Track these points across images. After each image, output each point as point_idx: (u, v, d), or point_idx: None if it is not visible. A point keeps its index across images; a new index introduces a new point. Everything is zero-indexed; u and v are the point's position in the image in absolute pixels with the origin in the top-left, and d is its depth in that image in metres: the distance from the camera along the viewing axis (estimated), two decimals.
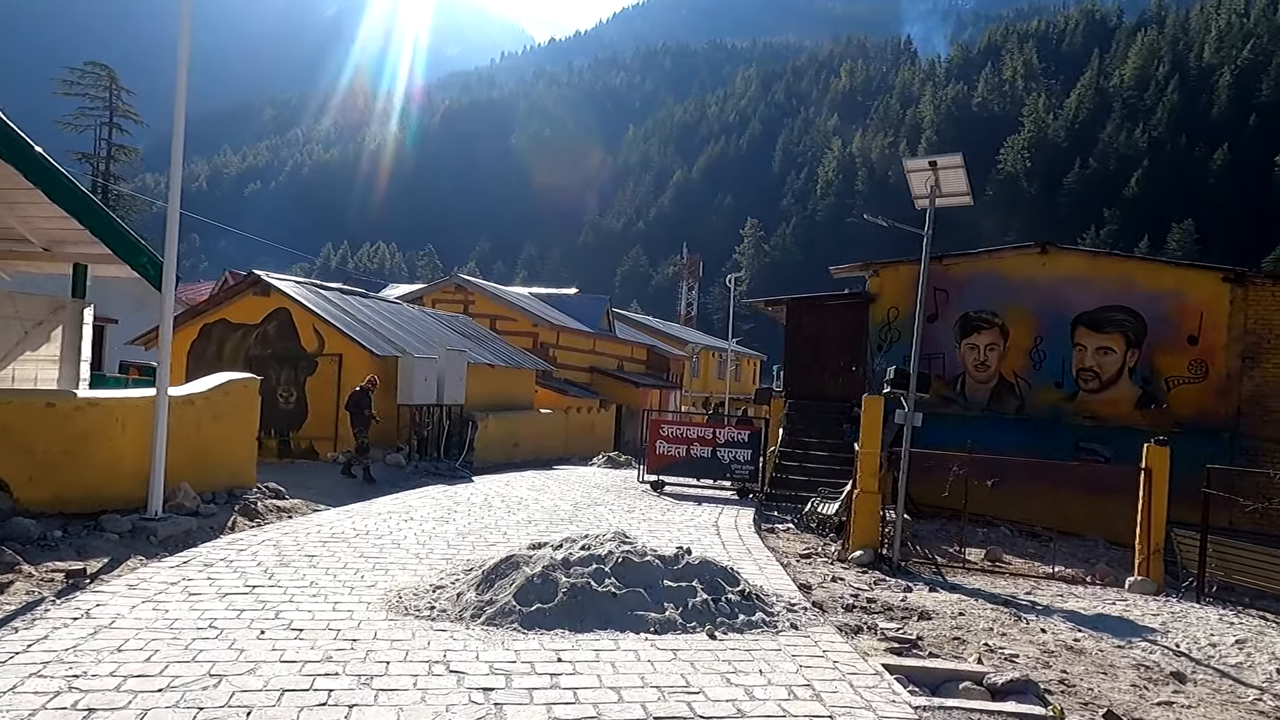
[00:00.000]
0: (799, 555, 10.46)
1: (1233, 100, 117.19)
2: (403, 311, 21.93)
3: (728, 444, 15.32)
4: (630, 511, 12.05)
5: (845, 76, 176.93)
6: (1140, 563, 9.59)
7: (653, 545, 8.87)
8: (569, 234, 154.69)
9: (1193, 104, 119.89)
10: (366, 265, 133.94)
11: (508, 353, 23.61)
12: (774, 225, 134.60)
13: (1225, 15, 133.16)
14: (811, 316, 18.44)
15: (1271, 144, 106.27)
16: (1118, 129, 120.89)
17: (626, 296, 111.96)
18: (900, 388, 10.53)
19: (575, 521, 10.79)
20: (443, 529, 9.55)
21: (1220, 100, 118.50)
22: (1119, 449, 16.20)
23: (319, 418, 17.04)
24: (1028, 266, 16.97)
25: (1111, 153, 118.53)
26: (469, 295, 29.60)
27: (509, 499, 12.62)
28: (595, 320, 32.89)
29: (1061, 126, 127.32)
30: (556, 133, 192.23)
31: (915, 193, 10.83)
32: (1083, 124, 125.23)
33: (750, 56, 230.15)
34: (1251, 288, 15.56)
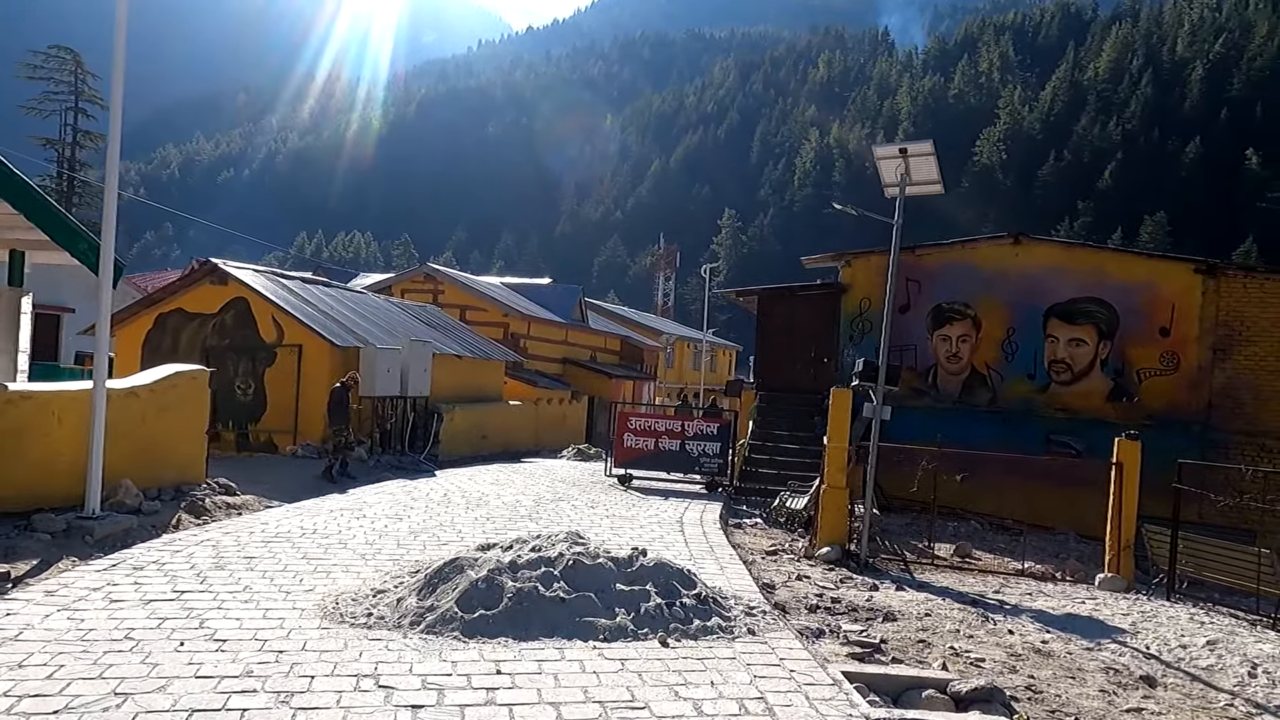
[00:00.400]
0: (765, 552, 10.20)
1: (1204, 94, 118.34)
2: (368, 301, 21.46)
3: (697, 437, 15.04)
4: (594, 507, 11.75)
5: (823, 67, 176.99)
6: (1110, 559, 9.42)
7: (612, 544, 8.59)
8: (546, 224, 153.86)
9: (1165, 98, 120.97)
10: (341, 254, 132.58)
11: (476, 343, 23.20)
12: (752, 216, 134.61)
13: (1198, 9, 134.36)
14: (783, 307, 18.19)
15: (1242, 138, 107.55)
16: (1092, 122, 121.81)
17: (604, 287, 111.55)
18: (869, 380, 10.28)
19: (535, 518, 10.46)
20: (395, 527, 9.20)
21: (1192, 94, 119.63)
22: (1090, 442, 16.09)
23: (278, 410, 16.58)
24: (1001, 257, 16.80)
25: (1086, 145, 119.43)
26: (438, 285, 29.10)
27: (470, 495, 12.27)
28: (568, 310, 32.49)
29: (1037, 119, 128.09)
30: (534, 122, 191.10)
31: (885, 181, 10.57)
32: (1057, 117, 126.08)
33: (728, 46, 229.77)
34: (1223, 279, 15.47)
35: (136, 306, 18.10)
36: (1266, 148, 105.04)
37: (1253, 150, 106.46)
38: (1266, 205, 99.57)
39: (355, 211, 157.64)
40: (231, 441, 16.83)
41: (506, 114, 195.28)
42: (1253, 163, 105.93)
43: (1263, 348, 15.20)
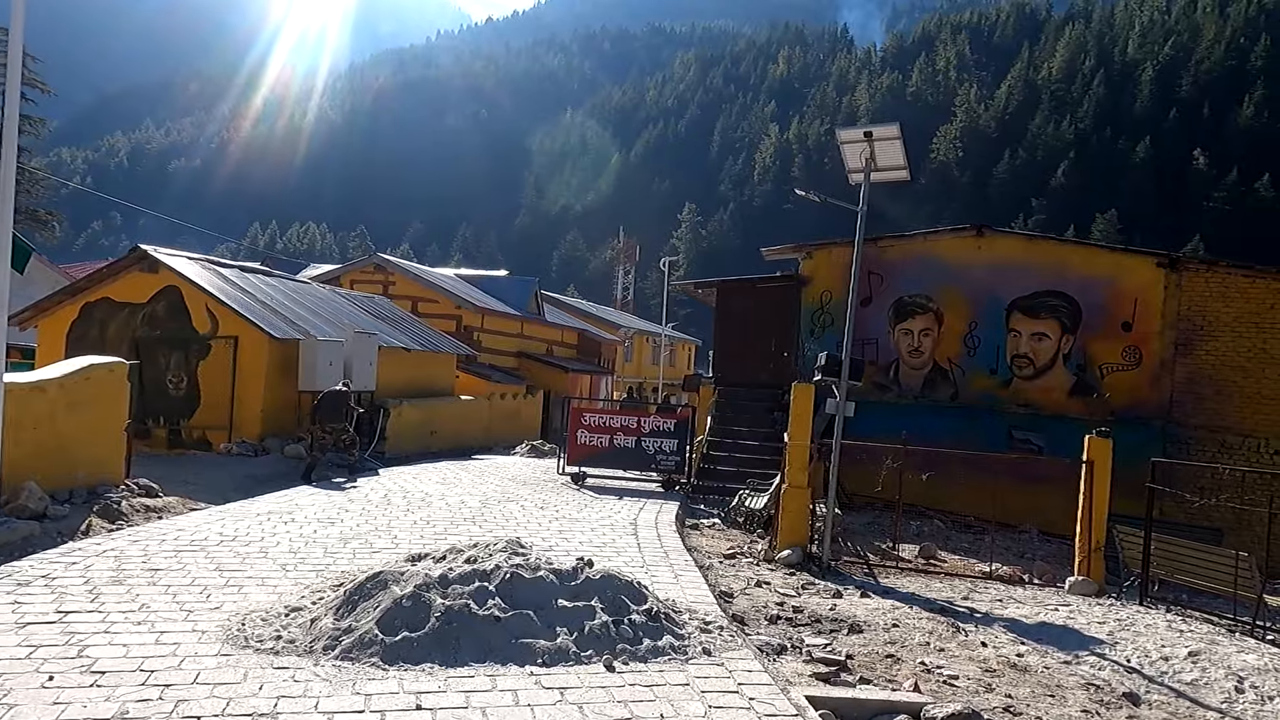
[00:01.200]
0: (723, 555, 9.69)
1: (1154, 95, 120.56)
2: (311, 292, 20.56)
3: (653, 433, 14.49)
4: (543, 508, 11.14)
5: (783, 63, 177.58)
6: (1080, 561, 9.06)
7: (559, 550, 8.00)
8: (505, 217, 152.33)
9: (1117, 98, 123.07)
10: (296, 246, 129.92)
11: (426, 336, 22.41)
12: (712, 210, 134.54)
13: (1148, 12, 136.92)
14: (742, 300, 17.72)
15: (1191, 138, 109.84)
16: (1046, 120, 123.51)
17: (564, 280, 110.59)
18: (832, 375, 9.81)
19: (480, 521, 9.83)
20: (325, 533, 8.50)
21: (1143, 95, 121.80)
22: (1052, 438, 15.90)
23: (212, 405, 15.70)
24: (963, 250, 16.49)
25: (1040, 144, 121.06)
26: (389, 276, 28.19)
27: (412, 495, 11.59)
28: (523, 303, 31.74)
29: (992, 117, 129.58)
30: (493, 114, 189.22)
31: (849, 166, 10.09)
32: (1013, 115, 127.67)
33: (689, 41, 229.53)
34: (1186, 273, 15.31)
35: (60, 295, 17.05)
36: (1213, 148, 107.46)
37: (1200, 150, 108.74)
38: (1213, 204, 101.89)
39: (310, 203, 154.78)
40: (163, 439, 15.92)
41: (465, 106, 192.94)
42: (1200, 163, 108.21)
43: (1224, 343, 15.06)
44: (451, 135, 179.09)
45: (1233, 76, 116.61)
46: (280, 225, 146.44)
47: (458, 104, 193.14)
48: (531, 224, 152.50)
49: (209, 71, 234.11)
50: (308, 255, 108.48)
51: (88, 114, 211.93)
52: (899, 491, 10.59)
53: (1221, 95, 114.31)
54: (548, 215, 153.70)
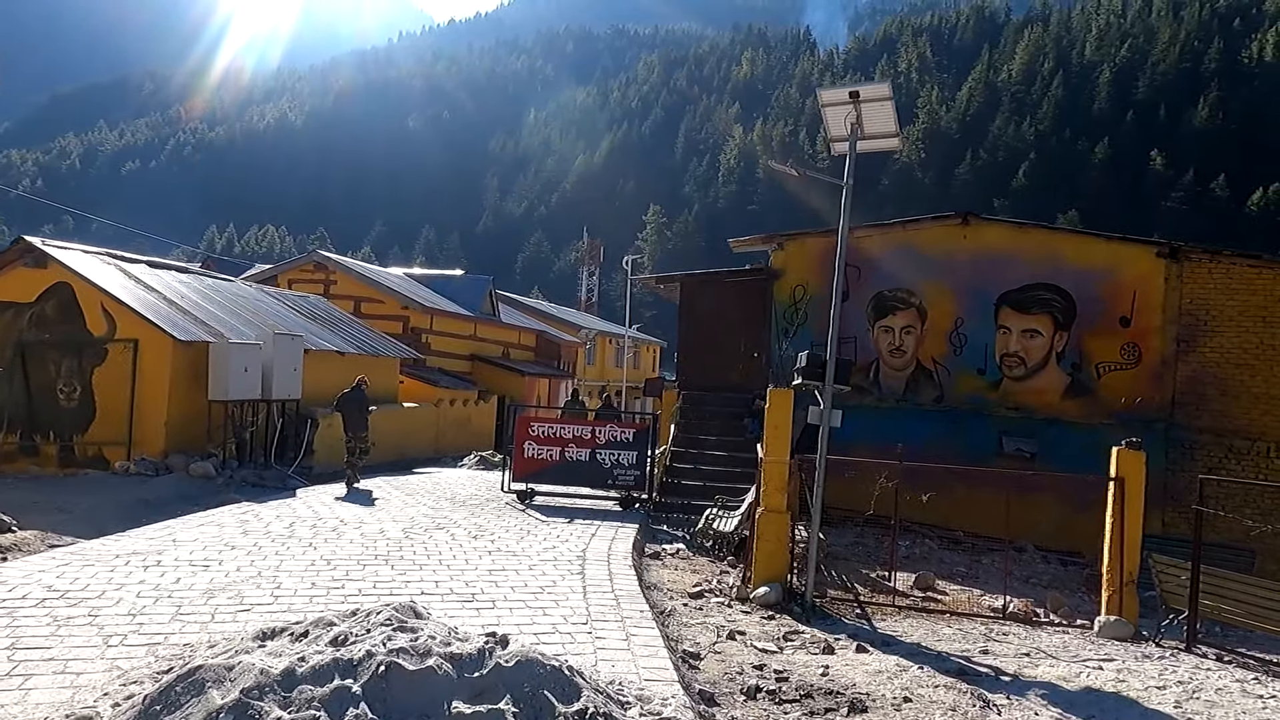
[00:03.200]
0: (688, 594, 8.14)
1: (1112, 97, 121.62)
2: (233, 290, 18.70)
3: (610, 444, 12.90)
4: (477, 537, 9.50)
5: (746, 65, 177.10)
6: (1109, 597, 7.64)
7: (479, 602, 6.41)
8: (469, 219, 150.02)
9: (1076, 99, 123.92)
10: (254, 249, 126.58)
11: (366, 338, 20.63)
12: (676, 211, 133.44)
13: (1104, 15, 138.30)
14: (709, 296, 16.19)
15: (1148, 139, 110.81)
16: (1006, 122, 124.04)
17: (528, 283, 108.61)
18: (814, 378, 8.32)
19: (395, 559, 8.17)
20: (190, 582, 6.81)
21: (1100, 96, 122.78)
22: (1045, 443, 14.59)
23: (109, 418, 13.84)
24: (948, 240, 15.13)
25: (1001, 145, 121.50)
26: (329, 274, 26.30)
27: (324, 523, 9.90)
28: (477, 303, 29.96)
29: (954, 119, 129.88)
30: (456, 115, 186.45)
31: (832, 134, 8.62)
32: (974, 116, 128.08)
33: (652, 43, 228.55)
34: (1187, 264, 14.06)
35: None
36: (1170, 149, 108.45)
37: (1157, 151, 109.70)
38: (1171, 204, 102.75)
39: (269, 205, 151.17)
40: (53, 456, 14.02)
41: (427, 107, 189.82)
42: (1157, 163, 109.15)
43: (1229, 338, 13.83)
44: (413, 137, 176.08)
45: (1187, 79, 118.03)
46: (238, 228, 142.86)
47: (420, 106, 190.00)
48: (495, 226, 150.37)
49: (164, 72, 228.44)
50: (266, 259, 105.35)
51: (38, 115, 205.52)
52: (895, 515, 9.13)
53: (1177, 97, 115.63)
54: (511, 217, 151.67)
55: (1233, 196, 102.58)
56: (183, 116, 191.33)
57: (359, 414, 13.87)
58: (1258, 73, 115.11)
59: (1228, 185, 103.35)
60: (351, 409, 13.84)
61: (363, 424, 13.86)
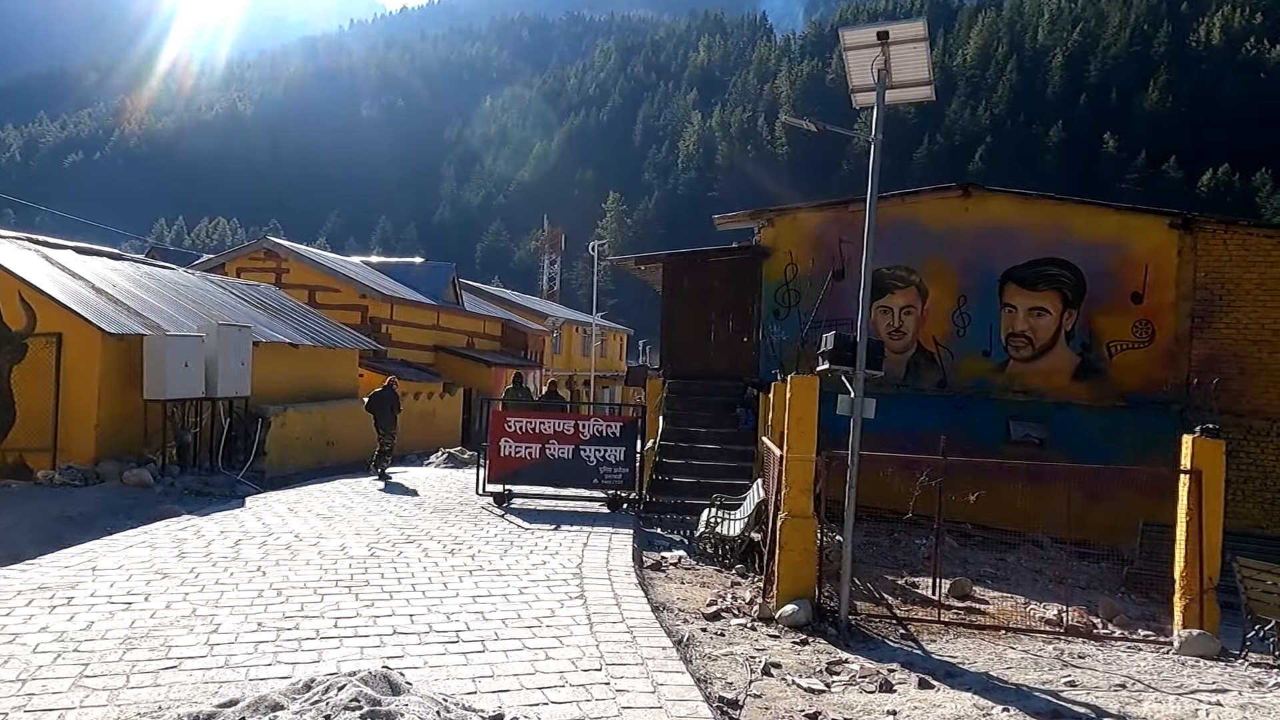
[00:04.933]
0: (703, 614, 7.05)
1: (1065, 81, 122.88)
2: (174, 279, 17.17)
3: (595, 440, 11.75)
4: (454, 552, 8.30)
5: (704, 52, 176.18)
6: (1186, 606, 6.70)
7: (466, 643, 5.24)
8: (425, 208, 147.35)
9: (1030, 83, 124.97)
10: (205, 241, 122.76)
11: (322, 329, 19.20)
12: (636, 199, 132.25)
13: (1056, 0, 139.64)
14: (694, 277, 15.06)
15: (1101, 122, 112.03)
16: (962, 106, 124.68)
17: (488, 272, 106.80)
18: (842, 363, 7.27)
19: (360, 584, 6.95)
20: (106, 629, 5.53)
21: (1054, 80, 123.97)
22: (1055, 427, 13.75)
23: (31, 421, 12.34)
24: (949, 212, 14.17)
25: (957, 129, 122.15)
26: (281, 262, 24.70)
27: (276, 539, 8.63)
28: (439, 291, 28.52)
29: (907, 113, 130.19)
30: (410, 104, 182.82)
31: (855, 83, 7.57)
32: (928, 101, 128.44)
33: (609, 30, 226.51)
34: (1201, 235, 13.27)
35: None
36: (1122, 132, 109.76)
37: (1110, 134, 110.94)
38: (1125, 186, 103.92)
39: (220, 197, 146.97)
40: None
41: (381, 95, 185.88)
42: (1110, 146, 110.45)
43: (1246, 314, 13.09)
44: (367, 126, 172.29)
45: (1138, 62, 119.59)
46: (188, 220, 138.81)
47: (373, 94, 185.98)
48: (453, 216, 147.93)
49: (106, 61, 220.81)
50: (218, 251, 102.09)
51: None
52: (938, 519, 8.13)
53: (1128, 80, 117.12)
54: (469, 207, 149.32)
55: (1185, 177, 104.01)
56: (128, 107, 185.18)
57: (390, 413, 14.71)
58: (1205, 56, 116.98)
59: (1179, 166, 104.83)
60: (383, 408, 14.67)
61: (392, 422, 14.73)
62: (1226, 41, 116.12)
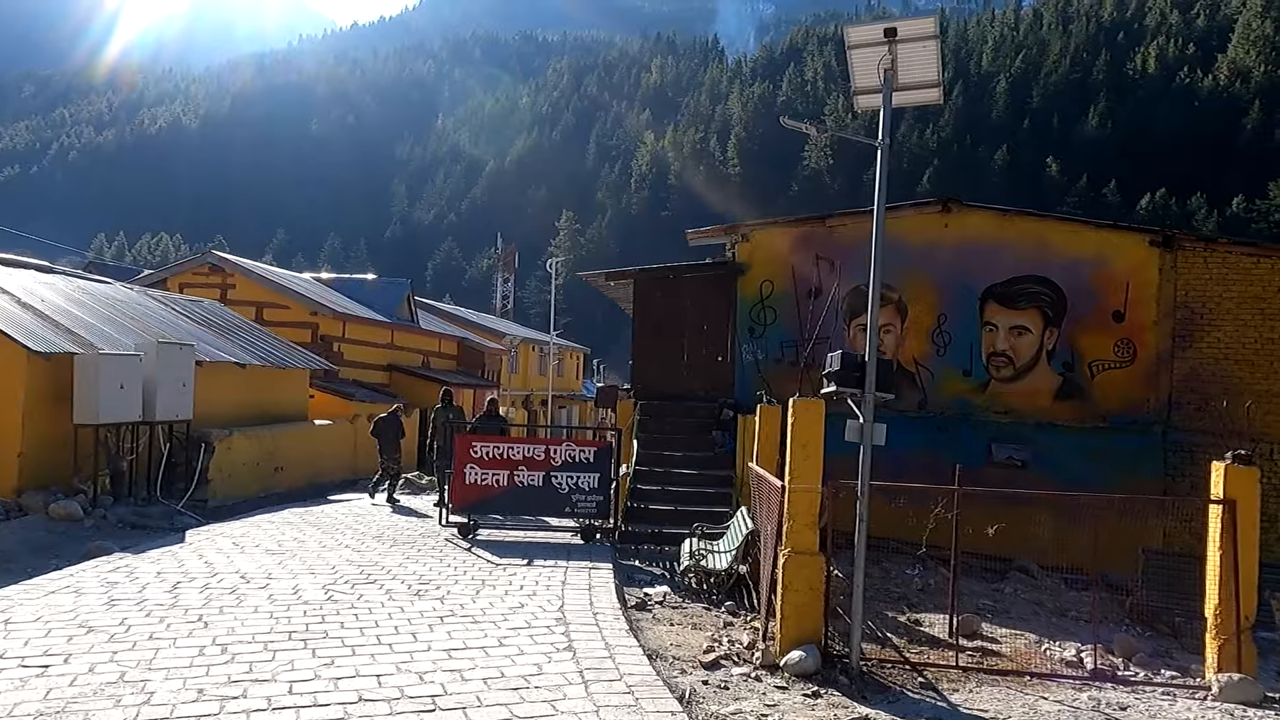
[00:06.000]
0: (700, 662, 6.39)
1: (1009, 106, 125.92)
2: (110, 295, 16.09)
3: (567, 466, 11.06)
4: (420, 594, 7.52)
5: (656, 72, 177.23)
6: (1221, 647, 6.24)
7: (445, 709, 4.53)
8: (376, 226, 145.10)
9: (975, 108, 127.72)
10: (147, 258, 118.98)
11: (270, 348, 18.20)
12: (590, 218, 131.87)
13: (999, 28, 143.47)
14: (666, 293, 14.47)
15: (1043, 147, 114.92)
16: (910, 129, 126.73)
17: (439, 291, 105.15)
18: (850, 385, 6.73)
19: (317, 636, 6.16)
20: (13, 702, 4.69)
21: (998, 105, 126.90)
22: (1038, 449, 13.41)
23: None
24: (928, 229, 13.81)
25: (905, 152, 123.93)
26: (227, 277, 23.56)
27: (220, 581, 7.77)
28: (393, 309, 27.55)
29: (860, 126, 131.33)
30: (361, 120, 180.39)
31: (859, 84, 7.09)
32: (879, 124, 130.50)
33: (561, 50, 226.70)
34: (1181, 253, 13.08)
35: None
36: (1064, 156, 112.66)
37: (1052, 158, 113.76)
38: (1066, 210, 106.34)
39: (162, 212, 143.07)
40: None
41: (331, 112, 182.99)
42: (1052, 169, 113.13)
43: (1227, 332, 12.91)
44: (317, 143, 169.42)
45: (1078, 89, 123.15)
46: (129, 236, 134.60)
47: (323, 111, 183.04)
48: (404, 234, 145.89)
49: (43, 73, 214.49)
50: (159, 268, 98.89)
51: None
52: (955, 552, 7.59)
53: (1069, 106, 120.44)
54: (421, 225, 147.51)
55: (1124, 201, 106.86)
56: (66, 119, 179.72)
57: (394, 439, 14.99)
58: (1141, 84, 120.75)
59: (1118, 191, 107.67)
60: (388, 434, 14.91)
61: (396, 448, 14.97)
62: (1161, 71, 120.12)
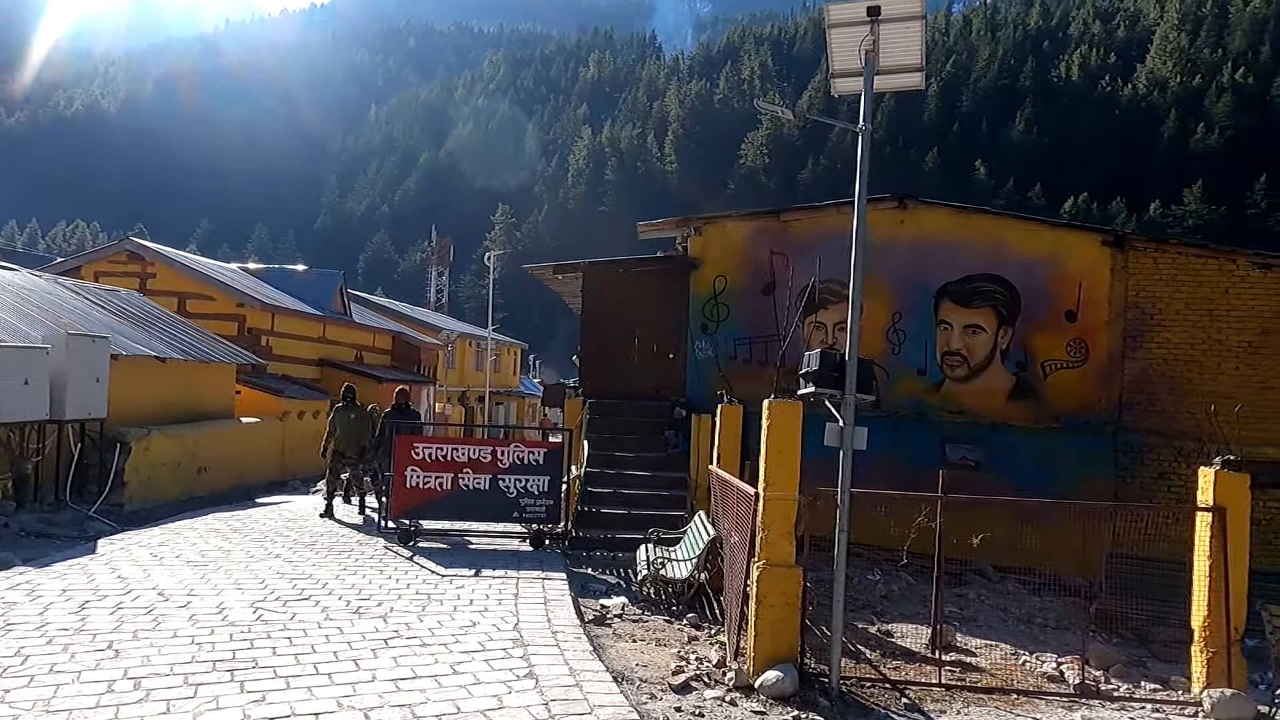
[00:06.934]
0: (669, 684, 5.92)
1: (939, 109, 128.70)
2: (15, 282, 14.89)
3: (515, 468, 10.48)
4: (360, 612, 6.89)
5: (594, 67, 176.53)
6: (1210, 659, 6.02)
7: None
8: (306, 217, 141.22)
9: (906, 111, 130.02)
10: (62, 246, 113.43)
11: (193, 341, 17.14)
12: (526, 212, 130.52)
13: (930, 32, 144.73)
14: (617, 288, 13.97)
15: (972, 150, 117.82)
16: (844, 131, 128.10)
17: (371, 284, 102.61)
18: (828, 385, 6.33)
19: (245, 666, 5.49)
20: None
21: (929, 109, 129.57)
22: (991, 449, 13.31)
23: None
24: (884, 225, 13.57)
25: (840, 152, 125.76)
26: (148, 266, 22.23)
27: (136, 599, 7.01)
28: (325, 301, 26.46)
29: (795, 126, 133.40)
30: (291, 109, 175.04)
31: (837, 65, 6.70)
32: (815, 125, 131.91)
33: (498, 42, 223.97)
34: (1133, 253, 13.12)
35: None
36: (992, 159, 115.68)
37: (980, 161, 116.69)
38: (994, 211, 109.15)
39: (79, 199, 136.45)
40: None
41: (260, 100, 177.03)
42: (981, 172, 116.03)
43: (1177, 333, 12.98)
44: (244, 130, 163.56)
45: (1005, 94, 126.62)
46: (43, 223, 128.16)
47: (252, 98, 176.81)
48: (335, 225, 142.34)
49: None
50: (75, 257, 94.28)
51: None
52: (937, 565, 7.26)
53: (997, 111, 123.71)
54: (352, 216, 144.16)
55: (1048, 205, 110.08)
56: None
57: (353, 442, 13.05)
58: (1065, 90, 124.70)
59: (1044, 194, 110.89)
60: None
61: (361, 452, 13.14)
62: (1084, 78, 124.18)
